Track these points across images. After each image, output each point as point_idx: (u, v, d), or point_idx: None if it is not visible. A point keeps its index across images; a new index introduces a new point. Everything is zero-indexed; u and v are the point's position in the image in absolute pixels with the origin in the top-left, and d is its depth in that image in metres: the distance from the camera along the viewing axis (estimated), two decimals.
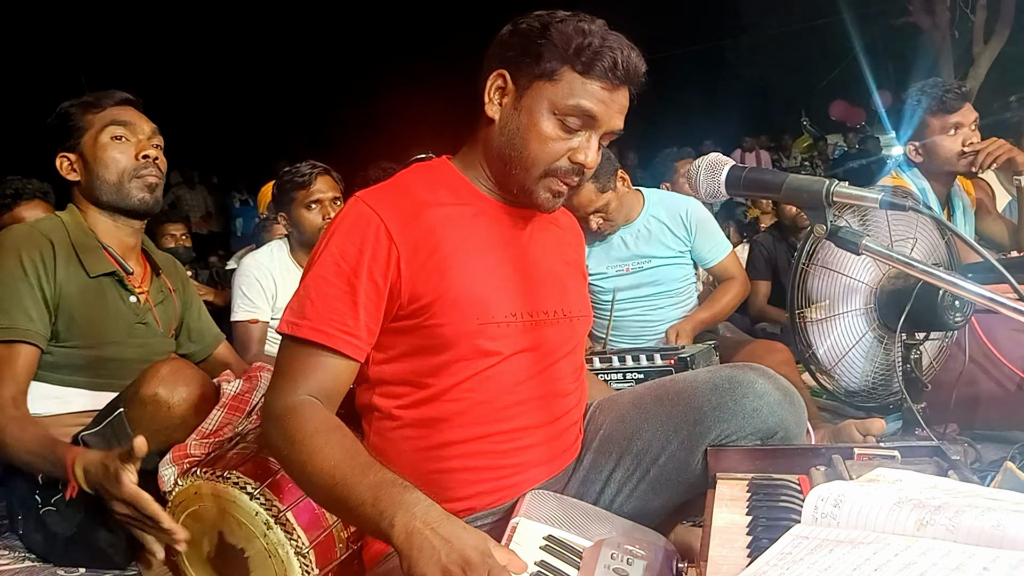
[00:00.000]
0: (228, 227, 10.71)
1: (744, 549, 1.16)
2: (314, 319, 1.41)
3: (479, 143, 1.57)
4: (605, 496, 1.61)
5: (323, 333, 1.40)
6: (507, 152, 1.51)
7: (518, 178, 1.52)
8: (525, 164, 1.50)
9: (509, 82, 1.50)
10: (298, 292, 1.46)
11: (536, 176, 1.50)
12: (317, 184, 3.15)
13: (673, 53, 13.60)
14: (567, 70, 1.45)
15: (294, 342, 1.42)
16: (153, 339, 2.15)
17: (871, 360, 2.32)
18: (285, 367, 1.43)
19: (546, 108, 1.47)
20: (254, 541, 1.56)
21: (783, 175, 1.38)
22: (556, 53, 1.45)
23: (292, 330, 1.42)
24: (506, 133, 1.50)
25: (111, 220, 2.10)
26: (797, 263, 2.28)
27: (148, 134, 2.09)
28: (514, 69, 1.49)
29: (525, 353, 1.55)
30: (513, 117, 1.50)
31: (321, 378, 1.41)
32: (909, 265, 1.29)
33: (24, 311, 1.88)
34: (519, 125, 1.49)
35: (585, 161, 1.49)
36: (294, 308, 1.44)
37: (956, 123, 3.03)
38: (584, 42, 1.44)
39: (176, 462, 1.67)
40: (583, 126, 1.48)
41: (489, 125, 1.53)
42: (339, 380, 1.44)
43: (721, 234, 3.30)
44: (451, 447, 1.51)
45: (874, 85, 12.24)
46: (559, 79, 1.46)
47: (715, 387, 1.57)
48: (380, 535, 1.21)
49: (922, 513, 1.02)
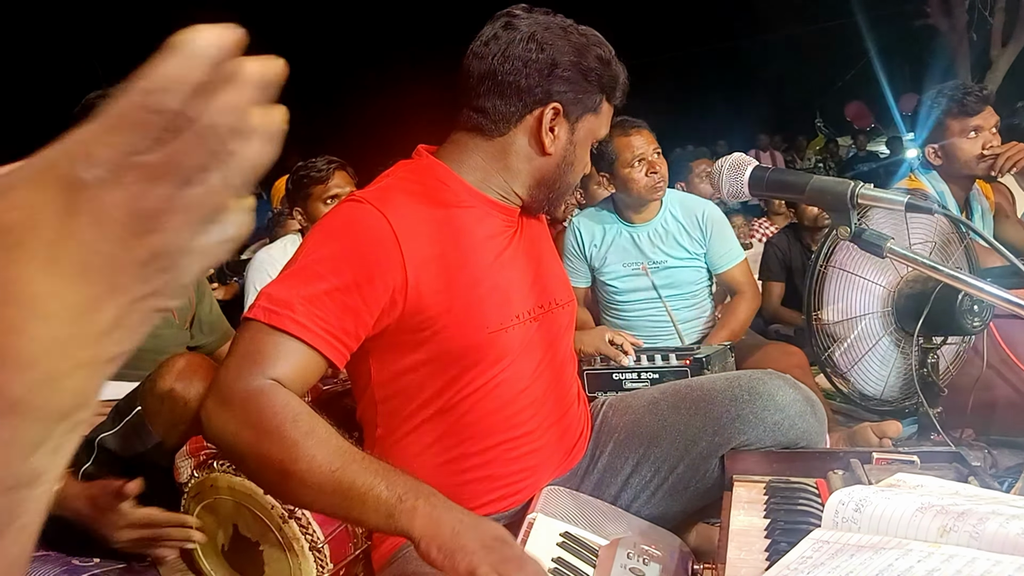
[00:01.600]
0: None
1: (762, 552, 1.16)
2: (299, 312, 1.29)
3: (505, 158, 1.53)
4: (622, 500, 1.61)
5: (306, 328, 1.29)
6: (555, 180, 1.56)
7: (555, 200, 1.61)
8: (566, 188, 1.60)
9: (560, 115, 1.51)
10: (282, 280, 1.35)
11: (559, 196, 1.60)
12: (335, 179, 3.15)
13: (689, 53, 13.59)
14: (603, 100, 1.54)
15: (266, 328, 1.28)
16: (169, 331, 2.16)
17: (887, 364, 2.31)
18: (247, 349, 1.29)
19: (591, 140, 1.56)
20: (269, 535, 1.56)
21: (807, 176, 1.37)
22: (600, 84, 1.52)
23: (268, 318, 1.28)
24: (563, 166, 1.55)
25: None
26: (814, 265, 2.27)
27: None
28: (566, 103, 1.50)
29: (532, 350, 1.54)
30: (570, 152, 1.54)
31: (291, 368, 1.28)
32: (935, 269, 1.28)
33: None
34: (574, 161, 1.55)
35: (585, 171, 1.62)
36: (274, 296, 1.31)
37: (976, 126, 3.00)
38: (615, 73, 1.53)
39: (193, 454, 1.67)
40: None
41: (543, 157, 1.53)
42: (307, 377, 1.32)
43: (735, 241, 3.27)
44: (465, 459, 1.49)
45: (889, 87, 12.20)
46: (600, 111, 1.54)
47: (735, 398, 1.55)
48: (392, 519, 1.15)
49: (945, 519, 1.01)
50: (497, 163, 1.53)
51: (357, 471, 1.18)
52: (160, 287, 0.44)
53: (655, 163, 3.00)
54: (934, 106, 3.07)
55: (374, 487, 1.16)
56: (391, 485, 1.16)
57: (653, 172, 2.99)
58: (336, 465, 1.18)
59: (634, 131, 3.05)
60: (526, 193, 1.55)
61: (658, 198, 3.07)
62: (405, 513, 1.14)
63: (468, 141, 1.54)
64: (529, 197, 1.56)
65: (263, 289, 1.35)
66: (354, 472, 1.18)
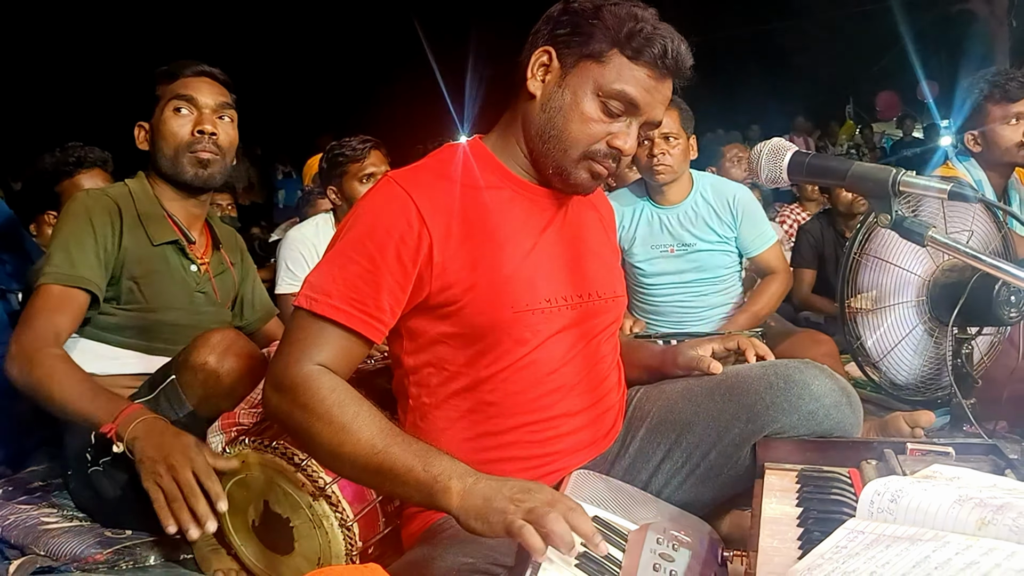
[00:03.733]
0: (271, 199, 10.78)
1: (795, 541, 1.15)
2: (335, 296, 1.39)
3: (516, 121, 1.55)
4: (653, 486, 1.60)
5: (343, 312, 1.38)
6: (547, 130, 1.49)
7: (555, 158, 1.50)
8: (564, 144, 1.48)
9: (555, 60, 1.49)
10: (320, 267, 1.44)
11: (574, 157, 1.49)
12: (370, 158, 3.19)
13: (722, 36, 13.42)
14: (616, 53, 1.44)
15: (310, 316, 1.40)
16: (210, 308, 2.18)
17: (920, 354, 2.28)
18: (296, 336, 1.41)
19: (591, 89, 1.45)
20: (300, 512, 1.57)
21: (848, 162, 1.35)
22: (607, 35, 1.44)
23: (310, 305, 1.40)
24: (548, 110, 1.49)
25: (174, 192, 2.14)
26: (849, 253, 2.24)
27: (213, 107, 2.11)
28: (561, 47, 1.48)
29: (566, 337, 1.54)
30: (556, 95, 1.48)
31: (335, 352, 1.40)
32: (977, 258, 1.26)
33: (87, 262, 1.93)
34: (562, 104, 1.47)
35: (623, 147, 1.48)
36: (314, 283, 1.42)
37: (1018, 112, 2.94)
38: (636, 27, 1.43)
39: (224, 430, 1.68)
40: (625, 112, 1.47)
41: (529, 101, 1.52)
42: (351, 358, 1.43)
43: (767, 224, 3.24)
44: (490, 437, 1.51)
45: (924, 74, 12.00)
46: (607, 61, 1.45)
47: (770, 385, 1.53)
48: (432, 498, 1.23)
49: (983, 512, 1.00)
50: (514, 133, 1.55)
51: (398, 453, 1.27)
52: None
53: (658, 144, 2.96)
54: (975, 92, 3.02)
55: (413, 468, 1.25)
56: (428, 466, 1.24)
57: (651, 155, 2.98)
58: (379, 447, 1.28)
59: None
60: (530, 154, 1.54)
61: (660, 181, 3.04)
62: (442, 492, 1.22)
63: (504, 117, 1.59)
64: (532, 160, 1.54)
65: (307, 277, 1.44)
66: (395, 454, 1.27)
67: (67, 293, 1.90)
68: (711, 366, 1.64)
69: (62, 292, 1.89)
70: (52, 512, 2.03)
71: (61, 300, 1.89)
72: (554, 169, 1.51)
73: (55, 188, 3.09)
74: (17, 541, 1.90)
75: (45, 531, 1.91)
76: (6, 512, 2.01)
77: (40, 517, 1.99)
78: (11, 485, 2.23)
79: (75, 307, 1.91)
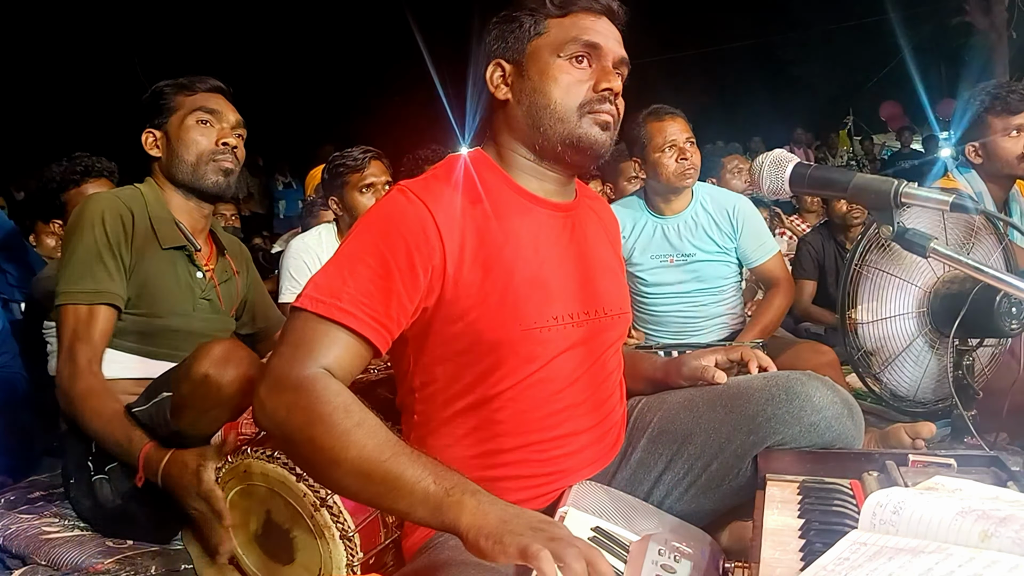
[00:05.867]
0: (271, 209, 10.81)
1: (797, 552, 1.15)
2: (344, 299, 1.33)
3: (503, 132, 1.57)
4: (654, 497, 1.60)
5: (352, 315, 1.32)
6: (535, 113, 1.51)
7: (558, 131, 1.50)
8: (557, 112, 1.49)
9: (505, 64, 1.54)
10: (327, 269, 1.38)
11: (573, 118, 1.50)
12: (370, 168, 3.20)
13: (723, 48, 13.48)
14: (550, 19, 1.51)
15: (315, 317, 1.33)
16: (214, 316, 2.20)
17: (921, 365, 2.28)
18: (298, 338, 1.33)
19: (549, 57, 1.50)
20: (301, 522, 1.57)
21: (850, 174, 1.36)
22: (533, 13, 1.52)
23: (315, 306, 1.33)
24: (526, 99, 1.52)
25: (184, 199, 2.17)
26: (849, 264, 2.24)
27: (232, 123, 2.17)
28: (504, 51, 1.54)
29: (574, 355, 1.53)
30: (525, 83, 1.52)
31: (340, 356, 1.32)
32: (979, 270, 1.26)
33: (107, 274, 1.97)
34: (535, 84, 1.51)
35: (610, 85, 1.50)
36: (320, 285, 1.35)
37: (1019, 125, 2.95)
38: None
39: (227, 439, 1.68)
40: (590, 56, 1.51)
41: (505, 107, 1.55)
42: (355, 364, 1.36)
43: (768, 234, 3.24)
44: (496, 455, 1.49)
45: (924, 86, 12.03)
46: (547, 29, 1.51)
47: (772, 397, 1.52)
48: (440, 512, 1.14)
49: (986, 524, 1.00)
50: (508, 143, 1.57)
51: (406, 463, 1.18)
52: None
53: (686, 150, 3.00)
54: (975, 104, 3.03)
55: (422, 480, 1.16)
56: (439, 479, 1.16)
57: (683, 159, 2.99)
58: (386, 455, 1.19)
59: (668, 117, 3.04)
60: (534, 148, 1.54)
61: (687, 186, 3.05)
62: (453, 507, 1.13)
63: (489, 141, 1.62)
64: (539, 154, 1.55)
65: (311, 278, 1.39)
66: (403, 464, 1.18)
67: (94, 312, 1.95)
68: (716, 376, 1.64)
69: (89, 312, 1.95)
70: (54, 522, 2.03)
71: (90, 321, 1.95)
72: (563, 143, 1.50)
73: (61, 197, 3.11)
74: (19, 551, 1.90)
75: (47, 541, 1.91)
76: (8, 522, 2.01)
77: (42, 527, 1.99)
78: (13, 495, 2.23)
79: (105, 324, 1.97)
